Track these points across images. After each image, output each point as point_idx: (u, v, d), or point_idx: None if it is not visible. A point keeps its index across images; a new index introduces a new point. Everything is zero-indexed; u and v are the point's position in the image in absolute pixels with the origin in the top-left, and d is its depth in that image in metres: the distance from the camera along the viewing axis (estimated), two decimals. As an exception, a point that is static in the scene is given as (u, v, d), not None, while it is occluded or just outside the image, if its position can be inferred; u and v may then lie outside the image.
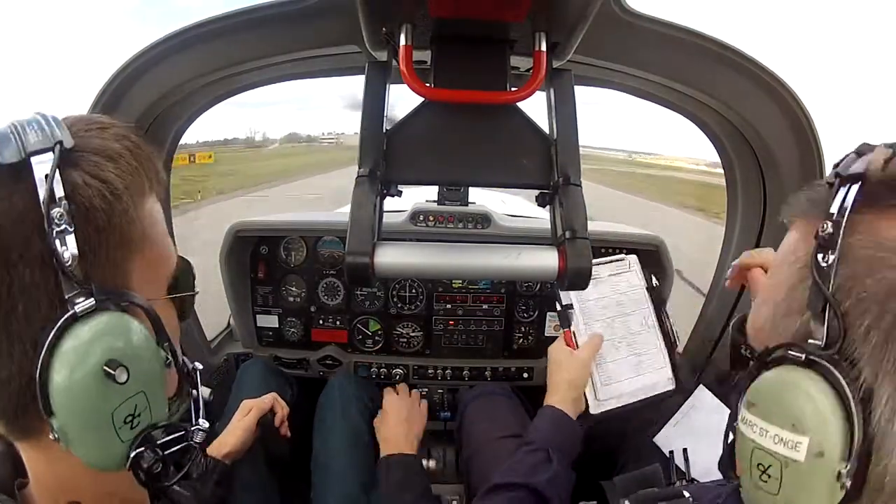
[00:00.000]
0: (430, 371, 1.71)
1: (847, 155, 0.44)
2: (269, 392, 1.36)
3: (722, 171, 1.38)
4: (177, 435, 0.51)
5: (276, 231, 1.67)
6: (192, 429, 0.55)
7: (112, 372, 0.44)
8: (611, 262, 1.24)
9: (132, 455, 0.47)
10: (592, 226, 0.80)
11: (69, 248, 0.42)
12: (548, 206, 0.88)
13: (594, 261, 1.20)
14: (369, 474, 1.27)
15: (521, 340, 1.74)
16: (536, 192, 0.89)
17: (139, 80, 1.00)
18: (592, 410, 1.11)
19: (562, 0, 0.73)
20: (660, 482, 0.85)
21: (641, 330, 1.20)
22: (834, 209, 0.40)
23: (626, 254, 1.39)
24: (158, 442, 0.49)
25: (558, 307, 1.19)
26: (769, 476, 0.41)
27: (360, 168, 0.81)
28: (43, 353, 0.43)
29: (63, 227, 0.42)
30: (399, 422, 1.35)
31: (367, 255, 0.76)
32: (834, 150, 1.05)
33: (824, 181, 0.44)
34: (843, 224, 0.39)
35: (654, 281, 1.25)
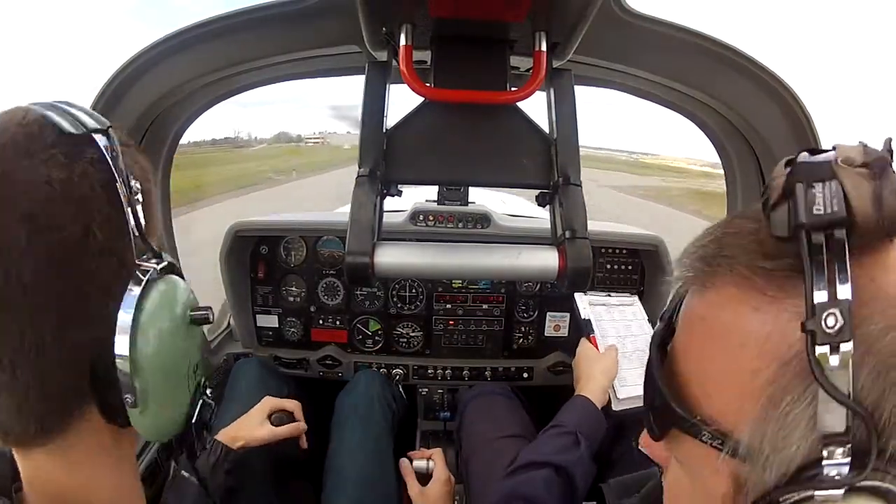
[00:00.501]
0: (429, 371, 1.71)
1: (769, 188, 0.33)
2: (267, 392, 1.35)
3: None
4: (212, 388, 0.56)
5: (276, 231, 1.67)
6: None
7: (203, 314, 0.50)
8: (620, 296, 1.39)
9: (199, 406, 0.52)
10: (592, 226, 0.81)
11: (140, 216, 0.46)
12: (548, 206, 0.88)
13: (606, 293, 1.33)
14: (388, 485, 1.25)
15: (520, 340, 1.74)
16: (536, 192, 0.89)
17: (139, 80, 1.00)
18: (615, 408, 1.16)
19: (562, 0, 0.73)
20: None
21: (647, 348, 1.24)
22: (819, 282, 0.29)
23: (628, 256, 1.67)
24: (208, 393, 0.54)
25: (579, 318, 1.29)
26: None
27: (360, 168, 0.81)
28: (133, 312, 0.44)
29: (137, 194, 0.45)
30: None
31: (367, 255, 0.76)
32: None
33: (745, 228, 0.35)
34: (850, 302, 0.29)
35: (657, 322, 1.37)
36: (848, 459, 0.30)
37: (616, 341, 1.26)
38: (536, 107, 0.88)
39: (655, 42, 0.94)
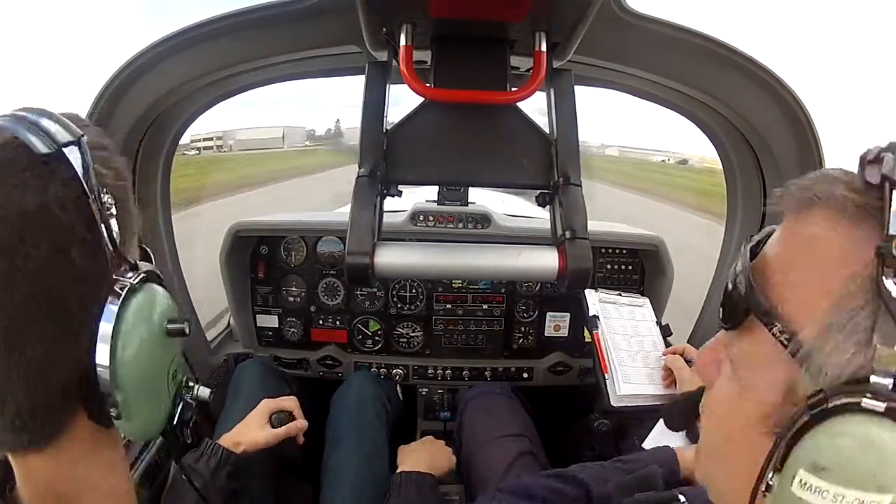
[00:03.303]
0: (429, 371, 1.71)
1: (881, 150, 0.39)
2: (268, 393, 1.35)
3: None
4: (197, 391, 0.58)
5: (276, 231, 1.67)
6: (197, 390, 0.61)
7: (180, 326, 0.50)
8: (630, 296, 1.39)
9: (179, 409, 0.53)
10: (592, 226, 0.80)
11: (114, 229, 0.46)
12: (548, 206, 0.88)
13: (618, 293, 1.34)
14: (383, 485, 1.25)
15: (520, 340, 1.74)
16: (536, 192, 0.89)
17: (139, 80, 1.00)
18: (613, 403, 1.17)
19: (561, 0, 0.73)
20: (657, 484, 0.85)
21: (653, 350, 1.29)
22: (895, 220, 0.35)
23: (627, 256, 1.68)
24: (188, 397, 0.56)
25: (586, 315, 1.30)
26: None
27: (360, 168, 0.81)
28: (112, 327, 0.45)
29: (109, 208, 0.45)
30: (423, 451, 1.33)
31: (367, 256, 0.76)
32: (834, 149, 1.05)
33: (838, 175, 0.41)
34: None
35: (663, 313, 1.43)
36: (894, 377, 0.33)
37: (623, 339, 1.27)
38: (536, 107, 0.88)
39: (655, 42, 0.94)
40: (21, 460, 0.49)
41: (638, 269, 1.70)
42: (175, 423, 0.55)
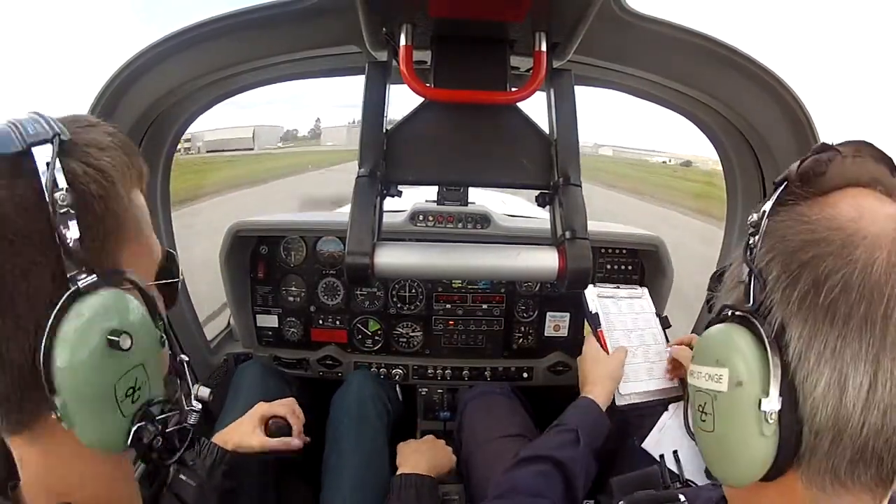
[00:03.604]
0: (429, 371, 1.71)
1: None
2: (268, 393, 1.35)
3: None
4: (174, 414, 0.54)
5: (276, 231, 1.67)
6: (187, 409, 0.58)
7: (116, 339, 0.46)
8: (628, 288, 1.38)
9: (133, 430, 0.49)
10: (592, 226, 0.81)
11: (71, 230, 0.44)
12: (548, 206, 0.88)
13: (615, 286, 1.32)
14: (383, 485, 1.26)
15: (520, 340, 1.74)
16: (536, 192, 0.89)
17: (139, 80, 1.00)
18: (618, 403, 1.17)
19: (561, 0, 0.73)
20: (658, 484, 0.86)
21: (653, 344, 1.29)
22: (766, 206, 0.47)
23: (627, 256, 1.67)
24: (158, 418, 0.51)
25: (587, 313, 1.29)
26: (706, 414, 0.46)
27: (360, 168, 0.81)
28: (48, 328, 0.44)
29: (66, 209, 0.44)
30: (424, 451, 1.34)
31: (366, 256, 0.76)
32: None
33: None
34: (767, 211, 0.46)
35: (663, 313, 1.40)
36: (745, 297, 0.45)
37: (623, 335, 1.27)
38: (537, 107, 0.88)
39: (655, 42, 0.94)
40: (17, 449, 0.50)
41: (638, 269, 1.70)
42: (150, 445, 0.50)
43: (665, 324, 1.35)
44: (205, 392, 0.64)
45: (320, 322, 1.71)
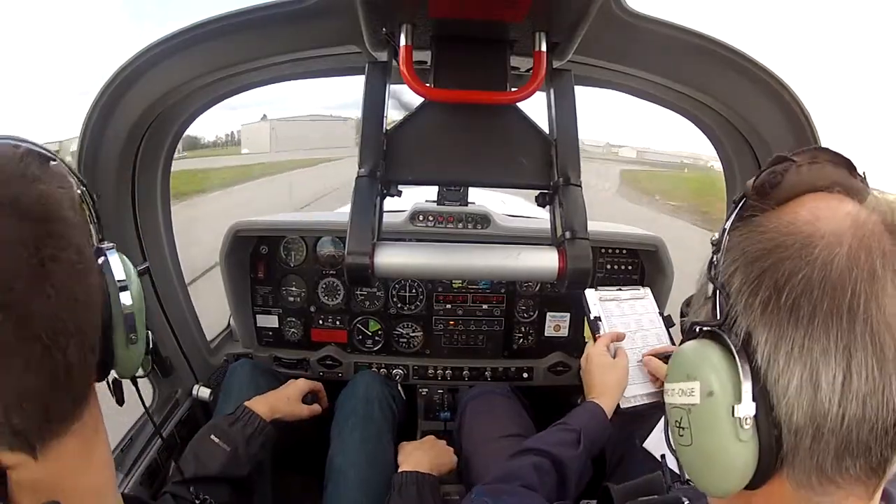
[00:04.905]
0: (429, 371, 1.71)
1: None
2: (259, 392, 1.34)
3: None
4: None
5: (276, 231, 1.67)
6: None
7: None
8: (631, 289, 1.37)
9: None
10: (592, 226, 0.80)
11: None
12: (547, 206, 0.88)
13: (617, 288, 1.33)
14: (388, 485, 1.25)
15: (520, 340, 1.74)
16: (536, 192, 0.89)
17: (139, 80, 1.00)
18: (622, 405, 1.17)
19: (561, 0, 0.73)
20: (661, 490, 0.85)
21: (657, 343, 1.28)
22: (727, 224, 0.48)
23: (627, 256, 1.69)
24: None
25: (588, 317, 1.29)
26: (682, 428, 0.47)
27: (360, 168, 0.81)
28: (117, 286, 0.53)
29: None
30: (425, 450, 1.34)
31: (366, 256, 0.76)
32: (833, 148, 1.05)
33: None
34: (727, 228, 0.47)
35: (665, 312, 1.40)
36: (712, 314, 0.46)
37: (626, 336, 1.26)
38: (537, 107, 0.88)
39: (655, 42, 0.94)
40: (8, 458, 0.48)
41: (638, 269, 1.70)
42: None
43: (669, 323, 1.34)
44: (205, 392, 0.64)
45: (320, 322, 1.71)
